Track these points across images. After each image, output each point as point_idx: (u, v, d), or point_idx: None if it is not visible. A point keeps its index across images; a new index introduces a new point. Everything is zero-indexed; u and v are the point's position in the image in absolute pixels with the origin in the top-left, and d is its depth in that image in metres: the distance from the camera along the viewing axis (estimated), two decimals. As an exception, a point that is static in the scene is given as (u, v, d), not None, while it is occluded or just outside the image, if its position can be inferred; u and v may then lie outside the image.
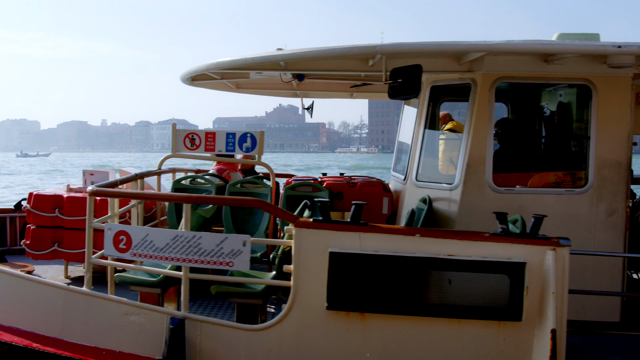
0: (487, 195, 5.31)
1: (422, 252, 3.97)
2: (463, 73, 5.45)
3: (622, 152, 5.27)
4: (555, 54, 4.88)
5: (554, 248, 3.89)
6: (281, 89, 8.18)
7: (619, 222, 5.28)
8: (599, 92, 5.24)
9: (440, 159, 8.52)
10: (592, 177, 5.26)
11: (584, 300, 5.30)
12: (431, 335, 4.03)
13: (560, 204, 5.31)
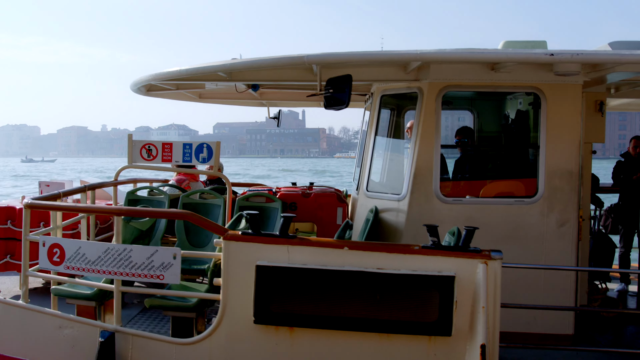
0: (435, 206, 5.28)
1: (351, 265, 3.95)
2: (411, 82, 5.44)
3: (573, 161, 5.24)
4: (499, 62, 4.87)
5: (485, 261, 3.87)
6: (246, 98, 8.19)
7: (570, 232, 5.24)
8: (548, 101, 5.21)
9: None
10: (542, 187, 5.23)
11: (535, 312, 5.27)
12: (361, 351, 4.00)
13: (510, 214, 5.28)
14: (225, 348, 4.14)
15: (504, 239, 5.26)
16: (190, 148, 6.81)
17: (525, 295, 5.25)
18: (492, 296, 3.86)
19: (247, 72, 5.51)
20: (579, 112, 5.23)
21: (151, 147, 6.84)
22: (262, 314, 3.99)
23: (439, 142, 5.30)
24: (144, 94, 7.00)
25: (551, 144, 5.23)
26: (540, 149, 5.23)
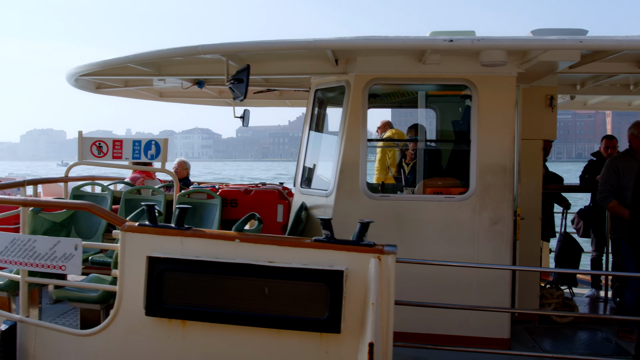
0: (362, 202, 5.27)
1: (243, 258, 3.98)
2: (340, 75, 5.45)
3: (506, 156, 5.16)
4: (424, 50, 4.83)
5: (378, 256, 3.84)
6: (208, 97, 8.30)
7: (504, 231, 5.16)
8: (480, 93, 5.15)
9: (377, 168, 8.51)
10: (474, 184, 5.16)
11: (467, 314, 5.20)
12: (252, 346, 4.01)
13: (440, 211, 5.23)
14: (122, 340, 4.20)
15: (435, 237, 5.22)
16: (139, 145, 6.99)
17: (458, 296, 5.19)
18: (385, 292, 3.83)
19: (174, 66, 5.60)
20: (512, 105, 5.16)
21: (101, 144, 7.03)
22: (153, 307, 4.04)
23: (365, 137, 5.29)
24: (93, 92, 7.18)
25: (483, 139, 5.16)
26: (472, 144, 5.18)
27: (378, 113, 7.99)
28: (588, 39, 4.33)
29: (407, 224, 5.23)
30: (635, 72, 5.48)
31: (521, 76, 5.50)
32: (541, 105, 5.97)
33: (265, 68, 5.60)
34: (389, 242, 5.18)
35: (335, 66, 5.42)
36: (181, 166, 8.88)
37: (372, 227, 5.26)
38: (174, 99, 8.46)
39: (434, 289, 5.17)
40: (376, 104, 6.68)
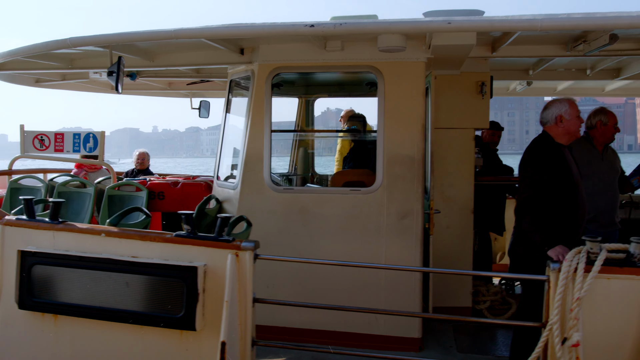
0: (267, 195, 5.34)
1: (110, 253, 4.11)
2: (248, 64, 5.52)
3: (415, 147, 5.13)
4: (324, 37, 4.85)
5: (235, 252, 3.89)
6: (164, 89, 8.50)
7: (413, 225, 5.15)
8: (386, 80, 5.14)
9: (337, 160, 8.58)
10: (381, 176, 5.16)
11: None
12: (118, 342, 4.12)
13: (346, 204, 5.25)
14: (1, 332, 4.42)
15: (341, 231, 5.25)
16: (79, 138, 7.28)
17: (366, 294, 5.22)
18: (243, 290, 3.89)
19: (89, 59, 5.77)
20: (421, 93, 5.13)
21: (44, 137, 7.34)
22: (24, 300, 4.21)
23: (269, 128, 5.36)
24: (32, 85, 7.46)
25: (390, 129, 5.15)
26: (378, 134, 5.17)
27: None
28: (458, 20, 4.27)
29: (312, 218, 5.27)
30: (563, 54, 5.39)
31: (436, 62, 5.48)
32: (472, 92, 5.93)
33: (171, 59, 5.73)
34: (294, 236, 5.32)
35: (241, 56, 5.50)
36: (145, 157, 9.21)
37: (278, 221, 5.38)
38: (129, 92, 8.71)
39: (341, 285, 5.22)
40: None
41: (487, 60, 5.84)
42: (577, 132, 4.39)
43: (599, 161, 5.38)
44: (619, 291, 3.56)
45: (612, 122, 5.38)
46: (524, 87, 7.55)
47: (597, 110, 5.48)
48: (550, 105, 4.41)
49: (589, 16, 3.92)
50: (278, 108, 5.56)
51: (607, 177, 5.36)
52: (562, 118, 4.32)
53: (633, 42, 5.19)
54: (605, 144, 5.45)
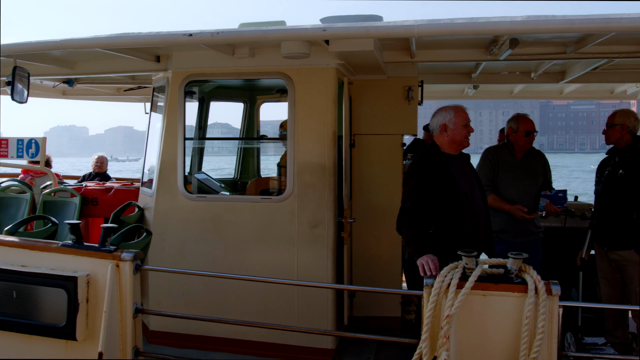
0: (181, 203, 5.45)
1: (2, 262, 4.25)
2: (165, 72, 5.64)
3: (326, 155, 5.20)
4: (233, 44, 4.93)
5: (116, 262, 4.01)
6: (116, 94, 8.66)
7: (325, 234, 5.24)
8: (296, 87, 5.21)
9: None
10: (292, 184, 5.25)
11: (289, 322, 5.31)
12: (7, 351, 4.27)
13: (258, 213, 5.34)
14: None
15: (254, 240, 5.34)
16: (22, 144, 7.46)
17: (279, 303, 5.32)
18: (124, 300, 4.00)
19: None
20: (332, 100, 5.19)
21: (-11, 142, 7.57)
22: None
23: (183, 135, 5.46)
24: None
25: (300, 136, 5.24)
26: (288, 142, 5.26)
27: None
28: (333, 27, 4.34)
29: (225, 226, 5.38)
30: (483, 59, 5.45)
31: (355, 68, 5.57)
32: (399, 97, 6.00)
33: (91, 67, 5.86)
34: (208, 245, 5.44)
35: (157, 63, 5.62)
36: (103, 161, 9.44)
37: (192, 229, 5.50)
38: (80, 97, 8.88)
39: (254, 295, 5.33)
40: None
41: (414, 64, 5.91)
42: (464, 141, 4.38)
43: (515, 169, 5.42)
44: (494, 308, 3.61)
45: (523, 129, 5.39)
46: (472, 90, 7.62)
47: (512, 116, 5.54)
48: (436, 114, 4.46)
49: (471, 22, 3.95)
50: (227, 112, 5.71)
51: (523, 185, 5.39)
52: (447, 127, 4.36)
53: (545, 47, 5.24)
54: (524, 150, 5.47)
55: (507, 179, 5.39)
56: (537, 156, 5.60)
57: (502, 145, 5.61)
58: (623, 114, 5.27)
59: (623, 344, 5.35)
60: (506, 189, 5.36)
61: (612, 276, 5.29)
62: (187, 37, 4.40)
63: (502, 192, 5.39)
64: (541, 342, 3.48)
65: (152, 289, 5.59)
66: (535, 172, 5.49)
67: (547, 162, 5.67)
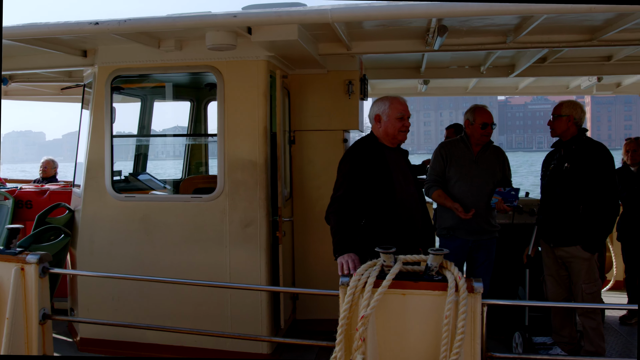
0: (108, 203, 5.17)
1: None
2: (92, 67, 5.36)
3: (257, 151, 4.95)
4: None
5: (21, 266, 3.74)
6: (56, 94, 8.34)
7: (257, 234, 4.97)
8: (226, 81, 4.96)
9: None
10: (222, 182, 4.99)
11: (223, 328, 5.04)
12: None
13: (188, 213, 5.07)
14: None
15: (184, 241, 5.07)
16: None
17: (211, 307, 5.05)
18: (30, 305, 3.71)
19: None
20: (263, 94, 4.94)
21: None
22: None
23: (110, 133, 5.19)
24: None
25: (231, 132, 4.97)
26: (218, 138, 5.00)
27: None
28: (244, 14, 4.11)
29: (154, 227, 5.10)
30: (422, 50, 5.22)
31: (292, 61, 5.33)
32: (340, 92, 5.75)
33: (15, 62, 5.57)
34: (138, 246, 5.15)
35: (84, 58, 5.34)
36: (49, 165, 9.05)
37: (121, 230, 5.22)
38: (19, 97, 8.56)
39: (186, 299, 5.05)
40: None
41: (354, 57, 5.67)
42: (399, 134, 4.08)
43: (470, 163, 5.10)
44: (414, 308, 3.34)
45: (480, 121, 5.04)
46: (424, 86, 7.40)
47: (469, 108, 5.22)
48: (373, 104, 4.17)
49: (388, 5, 3.73)
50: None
51: (477, 182, 5.06)
52: (380, 118, 4.06)
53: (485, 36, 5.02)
54: (480, 144, 5.14)
55: (460, 174, 5.07)
56: (496, 152, 5.26)
57: (459, 139, 5.26)
58: (570, 105, 5.01)
59: (570, 343, 5.12)
60: (459, 185, 5.04)
61: (558, 273, 5.05)
62: (93, 26, 4.13)
63: (453, 187, 5.06)
64: (461, 342, 3.21)
65: (81, 294, 5.29)
66: (491, 169, 5.15)
67: (507, 158, 5.34)
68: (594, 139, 5.06)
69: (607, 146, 5.04)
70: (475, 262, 5.17)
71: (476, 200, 5.01)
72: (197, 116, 7.41)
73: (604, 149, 4.95)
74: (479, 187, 5.06)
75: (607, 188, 4.81)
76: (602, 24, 4.64)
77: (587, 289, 4.84)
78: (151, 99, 6.68)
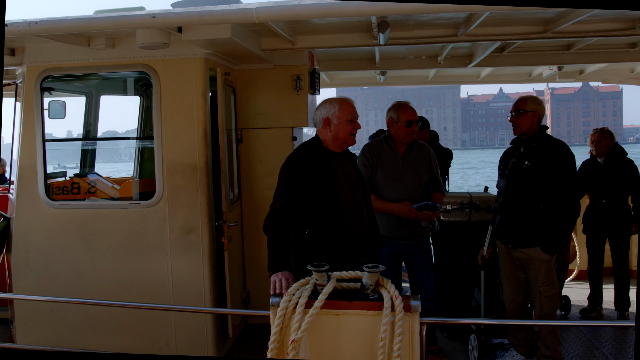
0: (43, 211, 4.85)
1: None
2: (22, 67, 4.99)
3: (196, 153, 4.65)
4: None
5: None
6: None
7: (199, 241, 4.69)
8: (162, 80, 4.64)
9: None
10: (161, 187, 4.68)
11: (168, 336, 4.79)
12: None
13: (127, 220, 4.77)
14: None
15: (124, 250, 4.78)
16: None
17: (155, 320, 4.78)
18: None
19: None
20: (202, 93, 4.62)
21: None
22: None
23: (41, 137, 4.85)
24: None
25: (168, 134, 4.66)
26: (156, 140, 4.68)
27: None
28: (163, 14, 3.80)
29: (93, 235, 4.79)
30: (370, 44, 4.93)
31: (234, 57, 5.01)
32: (288, 87, 5.44)
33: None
34: (75, 256, 4.85)
35: (13, 57, 4.96)
36: None
37: (57, 239, 4.90)
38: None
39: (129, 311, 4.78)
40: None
41: (302, 51, 5.35)
42: (349, 138, 3.78)
43: (395, 166, 4.79)
44: (349, 329, 3.09)
45: (404, 119, 4.71)
46: (382, 77, 7.10)
47: (391, 105, 4.87)
48: (319, 106, 3.84)
49: (314, 4, 3.43)
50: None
51: (404, 184, 4.77)
52: (330, 122, 3.74)
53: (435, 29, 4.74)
54: (406, 143, 4.81)
55: (386, 178, 4.77)
56: (422, 150, 4.93)
57: (382, 140, 4.92)
58: (535, 101, 4.72)
59: (526, 346, 4.92)
60: (386, 190, 4.75)
61: (515, 275, 4.83)
62: (31, 26, 3.80)
63: (381, 192, 4.76)
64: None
65: (17, 307, 4.98)
66: (419, 169, 4.85)
67: (434, 156, 5.01)
68: (554, 137, 4.81)
69: (566, 142, 4.79)
70: (414, 266, 4.93)
71: (404, 202, 4.71)
72: (147, 112, 7.03)
73: (565, 147, 4.70)
74: (407, 190, 4.76)
75: (568, 187, 4.58)
76: (556, 16, 4.40)
77: (545, 292, 4.63)
78: (97, 94, 6.30)
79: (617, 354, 5.33)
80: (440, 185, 4.97)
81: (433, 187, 4.91)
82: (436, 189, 4.92)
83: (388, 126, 4.88)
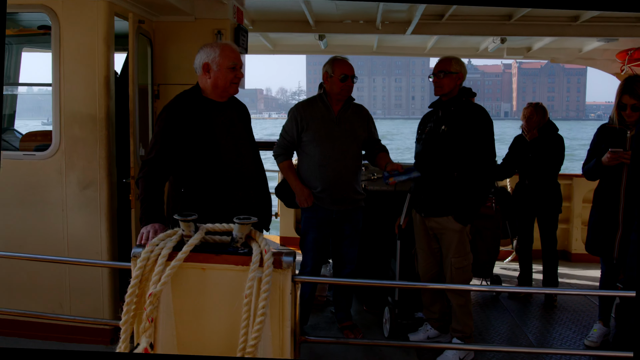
0: None
1: None
2: None
3: (97, 104, 4.32)
4: None
5: None
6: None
7: (97, 197, 4.39)
8: (62, 23, 4.30)
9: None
10: (58, 138, 4.37)
11: (62, 297, 4.50)
12: None
13: (21, 172, 4.45)
14: None
15: (17, 204, 4.47)
16: None
17: (49, 279, 4.49)
18: None
19: None
20: (104, 39, 4.29)
21: None
22: None
23: None
24: None
25: (67, 81, 4.33)
26: (53, 87, 4.35)
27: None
28: None
29: None
30: None
31: (150, 5, 4.69)
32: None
33: None
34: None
35: None
36: None
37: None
38: None
39: (22, 268, 4.48)
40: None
41: (225, 5, 5.04)
42: (230, 87, 3.53)
43: (330, 124, 4.56)
44: (215, 284, 2.82)
45: (339, 72, 4.47)
46: (322, 42, 6.80)
47: (328, 60, 4.61)
48: (200, 50, 3.57)
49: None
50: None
51: (340, 144, 4.54)
52: (209, 67, 3.48)
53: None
54: (341, 100, 4.57)
55: (319, 137, 4.53)
56: (358, 110, 4.72)
57: (317, 98, 4.69)
58: (459, 62, 4.46)
59: (440, 320, 4.72)
60: (320, 149, 4.51)
61: (429, 246, 4.61)
62: None
63: (312, 153, 4.54)
64: (261, 325, 2.70)
65: None
66: (355, 128, 4.63)
67: (371, 116, 4.81)
68: (475, 102, 4.57)
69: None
70: (340, 234, 4.72)
71: (339, 163, 4.53)
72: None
73: (484, 113, 4.48)
74: (342, 150, 4.55)
75: (484, 154, 4.36)
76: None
77: (456, 263, 4.43)
78: (17, 47, 5.93)
79: (539, 335, 5.17)
80: (382, 145, 4.75)
81: (376, 148, 4.69)
82: (380, 149, 4.70)
83: (323, 81, 4.64)
